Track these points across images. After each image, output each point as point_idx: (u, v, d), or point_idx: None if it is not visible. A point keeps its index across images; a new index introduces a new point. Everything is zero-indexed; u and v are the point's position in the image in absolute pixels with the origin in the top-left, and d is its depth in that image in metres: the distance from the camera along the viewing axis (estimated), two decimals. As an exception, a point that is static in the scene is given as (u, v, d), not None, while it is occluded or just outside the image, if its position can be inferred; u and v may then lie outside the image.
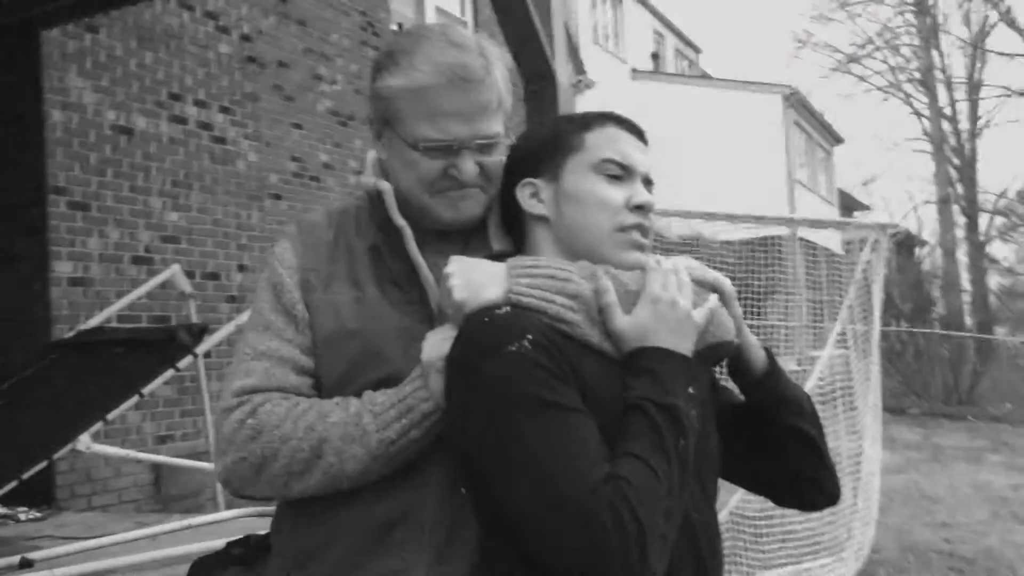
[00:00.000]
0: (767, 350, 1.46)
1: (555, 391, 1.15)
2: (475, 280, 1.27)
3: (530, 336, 1.17)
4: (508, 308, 1.22)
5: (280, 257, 1.49)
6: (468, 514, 1.25)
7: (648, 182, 1.41)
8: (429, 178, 1.41)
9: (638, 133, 1.44)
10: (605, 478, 1.11)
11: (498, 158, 1.44)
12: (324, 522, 1.37)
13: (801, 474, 1.46)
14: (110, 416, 3.91)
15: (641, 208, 1.37)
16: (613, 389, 1.23)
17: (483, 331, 1.20)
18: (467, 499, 1.22)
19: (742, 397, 1.48)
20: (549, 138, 1.42)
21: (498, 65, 1.44)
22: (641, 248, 1.38)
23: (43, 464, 3.66)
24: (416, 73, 1.38)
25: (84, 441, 3.73)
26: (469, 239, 1.48)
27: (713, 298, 1.34)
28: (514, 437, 1.13)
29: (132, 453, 4.64)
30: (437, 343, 1.29)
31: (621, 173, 1.38)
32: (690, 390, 1.24)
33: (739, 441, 1.44)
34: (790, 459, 1.44)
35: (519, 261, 1.31)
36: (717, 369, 1.48)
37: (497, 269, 1.29)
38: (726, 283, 1.38)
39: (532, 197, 1.40)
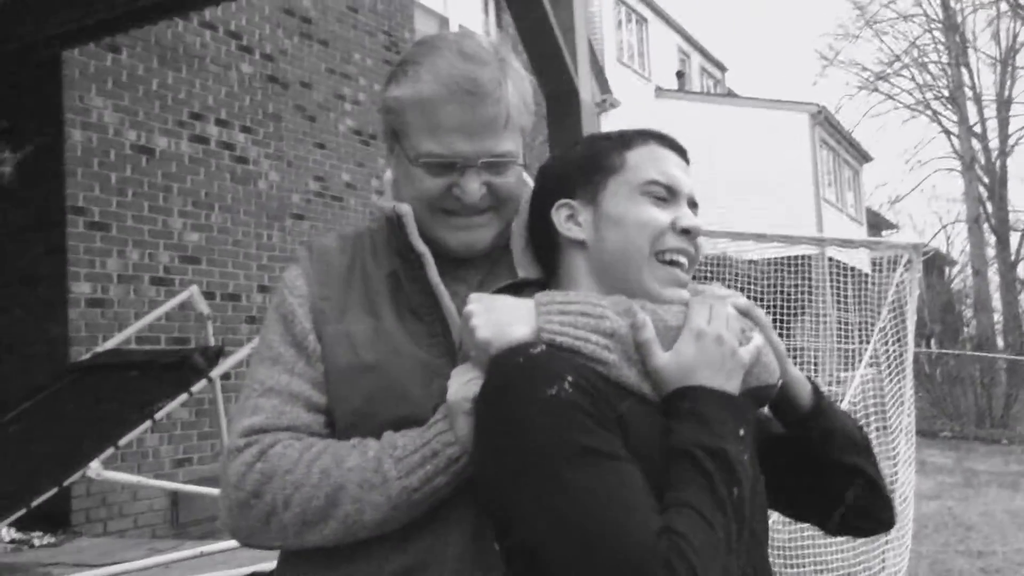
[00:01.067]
0: (812, 383, 1.34)
1: (599, 437, 1.05)
2: (500, 319, 1.17)
3: (570, 378, 1.07)
4: (543, 347, 1.12)
5: (290, 284, 1.39)
6: (492, 564, 1.13)
7: (693, 204, 1.31)
8: (429, 196, 1.32)
9: (680, 151, 1.34)
10: (659, 532, 1.00)
11: (510, 179, 1.34)
12: (336, 570, 1.26)
13: (853, 507, 1.34)
14: (122, 442, 3.82)
15: (687, 232, 1.27)
16: (654, 434, 1.12)
17: (518, 373, 1.09)
18: (498, 553, 1.10)
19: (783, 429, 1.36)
20: (587, 157, 1.33)
21: (513, 79, 1.34)
22: (682, 284, 1.27)
23: (52, 492, 3.57)
24: (419, 84, 1.30)
25: (95, 468, 3.65)
26: (493, 266, 1.38)
27: (758, 335, 1.23)
28: (557, 488, 1.02)
29: (144, 480, 4.56)
30: (464, 384, 1.19)
31: (666, 195, 1.28)
32: (740, 432, 1.13)
33: (784, 474, 1.33)
34: (841, 493, 1.33)
35: (547, 297, 1.20)
36: None
37: (524, 306, 1.19)
38: (762, 314, 1.28)
39: (569, 220, 1.31)
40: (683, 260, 1.27)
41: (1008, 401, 16.73)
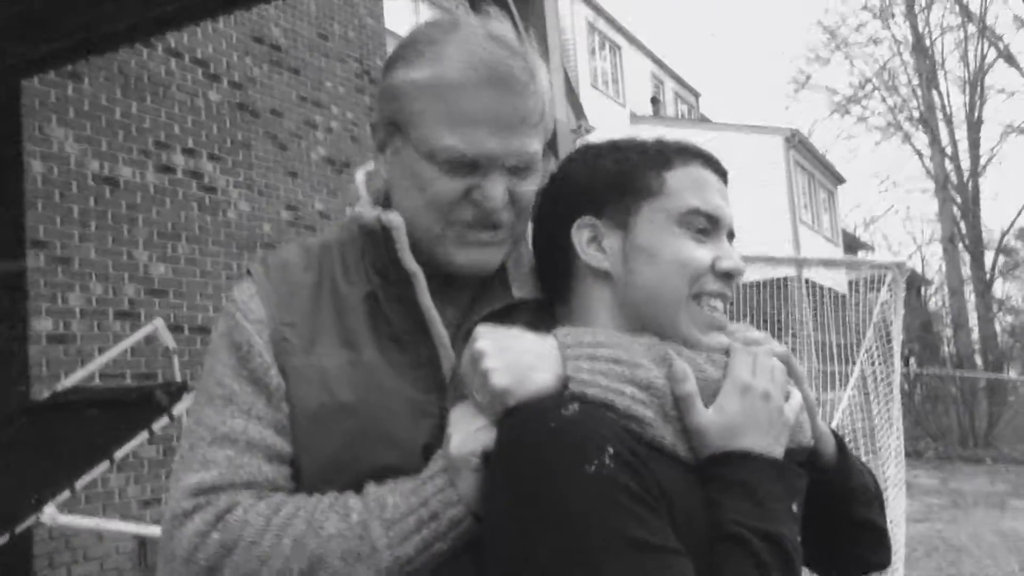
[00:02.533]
0: (837, 436, 1.18)
1: (646, 525, 0.87)
2: (519, 361, 0.98)
3: (611, 450, 0.89)
4: (575, 407, 0.93)
5: (243, 307, 1.15)
6: None
7: (731, 235, 1.14)
8: (445, 201, 1.09)
9: (723, 174, 1.15)
10: None
11: (532, 187, 1.14)
12: None
13: (860, 558, 1.21)
14: (79, 485, 3.62)
15: (727, 275, 1.09)
16: (695, 504, 0.95)
17: (550, 442, 0.90)
18: None
19: None
20: (618, 173, 1.13)
21: (543, 71, 1.14)
22: (722, 327, 1.10)
23: (3, 540, 3.36)
24: (443, 66, 1.08)
25: (49, 513, 3.44)
26: (484, 284, 1.17)
27: (795, 391, 1.07)
28: None
29: (103, 523, 4.34)
30: (470, 435, 1.00)
31: (707, 226, 1.10)
32: (794, 508, 0.97)
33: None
34: (853, 548, 1.19)
35: (572, 337, 1.02)
36: None
37: (546, 346, 1.01)
38: (798, 364, 1.11)
39: (591, 243, 1.12)
40: (721, 304, 1.11)
41: (990, 420, 16.72)
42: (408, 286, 1.11)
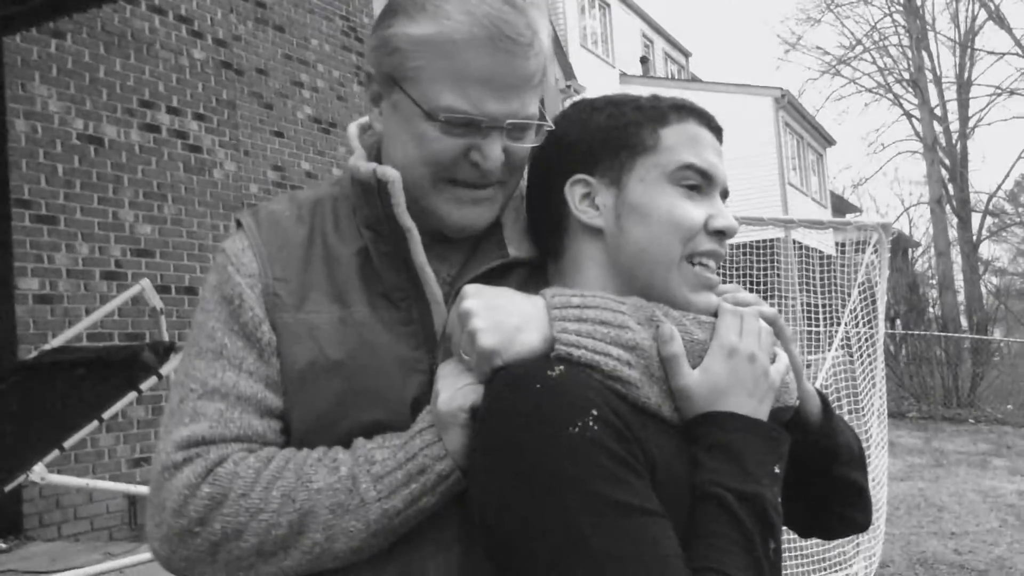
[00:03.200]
0: (822, 396, 1.19)
1: (628, 487, 0.89)
2: (506, 322, 0.98)
3: (595, 412, 0.90)
4: (561, 368, 0.94)
5: (236, 260, 1.14)
6: None
7: (725, 194, 1.13)
8: (442, 160, 1.08)
9: (718, 131, 1.14)
10: None
11: (528, 146, 1.12)
12: None
13: (843, 517, 1.23)
14: (68, 444, 3.63)
15: (720, 233, 1.09)
16: (680, 464, 0.96)
17: (535, 402, 0.92)
18: None
19: None
20: (613, 129, 1.12)
21: (544, 28, 1.12)
22: (713, 287, 1.10)
23: (-7, 498, 3.38)
24: (448, 22, 1.05)
25: (38, 472, 3.46)
26: (479, 242, 1.16)
27: (782, 352, 1.08)
28: (580, 550, 0.86)
29: (92, 483, 4.36)
30: (458, 391, 1.01)
31: (700, 183, 1.09)
32: (776, 470, 0.98)
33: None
34: (835, 505, 1.20)
35: (561, 298, 1.02)
36: None
37: (532, 306, 1.01)
38: (785, 325, 1.12)
39: (584, 200, 1.12)
40: (714, 263, 1.11)
41: (974, 381, 16.89)
42: (402, 242, 1.10)
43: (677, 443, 1.00)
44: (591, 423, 0.90)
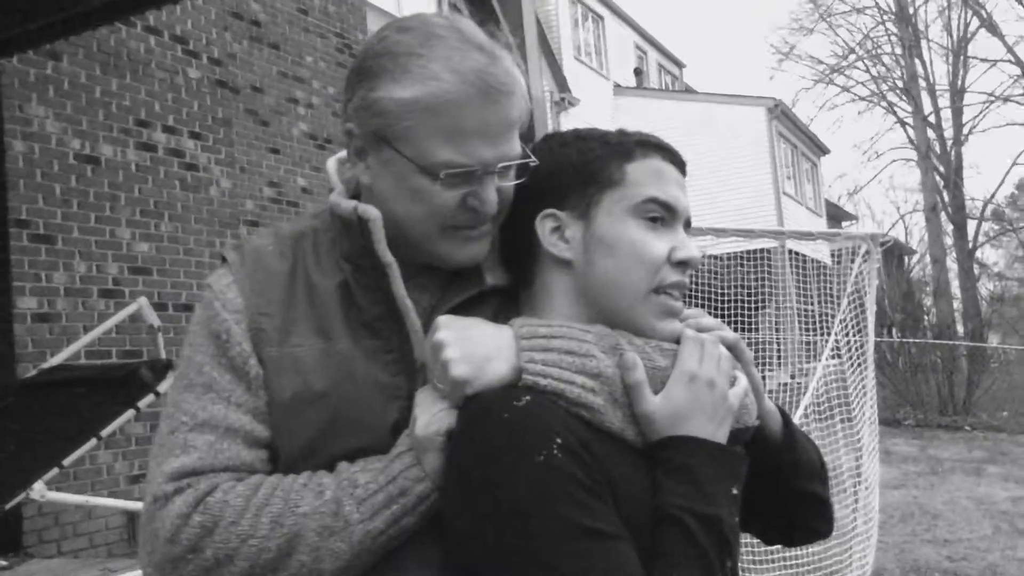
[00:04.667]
0: (783, 413, 1.25)
1: (592, 513, 0.94)
2: (476, 352, 1.04)
3: (558, 440, 0.95)
4: (527, 398, 0.99)
5: (221, 296, 1.19)
6: None
7: (687, 224, 1.19)
8: (445, 212, 1.13)
9: (681, 166, 1.21)
10: None
11: (513, 182, 1.17)
12: None
13: (805, 527, 1.29)
14: (67, 462, 3.68)
15: (684, 264, 1.14)
16: (641, 487, 1.02)
17: (502, 431, 0.97)
18: None
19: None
20: (581, 164, 1.17)
21: (517, 67, 1.17)
22: (677, 314, 1.16)
23: (-6, 516, 3.43)
24: (437, 82, 1.09)
25: (38, 489, 3.51)
26: (457, 271, 1.21)
27: (742, 375, 1.14)
28: (545, 572, 0.91)
29: (92, 499, 4.41)
30: (434, 416, 1.06)
31: (663, 215, 1.15)
32: (733, 491, 1.03)
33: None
34: (797, 516, 1.27)
35: (528, 328, 1.08)
36: None
37: (502, 337, 1.07)
38: (746, 348, 1.18)
39: (554, 234, 1.16)
40: (678, 294, 1.16)
41: (970, 388, 16.90)
42: (383, 276, 1.14)
43: (640, 466, 1.05)
44: (555, 451, 0.94)
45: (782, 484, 1.23)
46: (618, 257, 1.13)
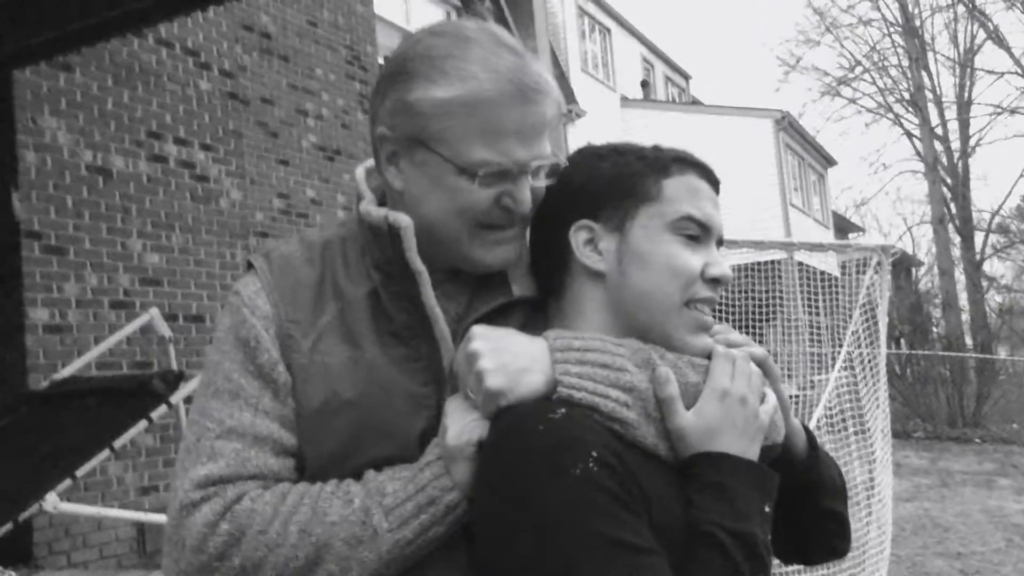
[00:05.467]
0: (808, 431, 1.25)
1: (626, 527, 0.93)
2: (512, 364, 1.04)
3: (595, 453, 0.95)
4: (563, 411, 0.99)
5: (250, 302, 1.18)
6: None
7: (720, 242, 1.20)
8: (479, 210, 1.13)
9: (716, 184, 1.21)
10: None
11: (544, 183, 1.18)
12: None
13: (825, 545, 1.29)
14: (79, 473, 3.68)
15: (716, 281, 1.15)
16: (674, 502, 1.02)
17: (537, 444, 0.96)
18: None
19: None
20: (618, 178, 1.17)
21: (550, 71, 1.18)
22: (708, 328, 1.16)
23: (7, 528, 3.42)
24: (476, 82, 1.10)
25: (51, 500, 3.50)
26: (483, 280, 1.21)
27: (770, 392, 1.14)
28: None
29: (103, 511, 4.40)
30: (465, 426, 1.06)
31: (698, 233, 1.15)
32: (766, 508, 1.03)
33: None
34: (819, 535, 1.26)
35: (563, 340, 1.07)
36: None
37: (537, 349, 1.07)
38: (774, 365, 1.18)
39: (588, 245, 1.17)
40: (709, 309, 1.17)
41: (979, 400, 16.83)
42: (413, 284, 1.14)
43: (672, 481, 1.05)
44: (591, 465, 0.94)
45: (805, 502, 1.23)
46: (652, 271, 1.14)
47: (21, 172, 5.64)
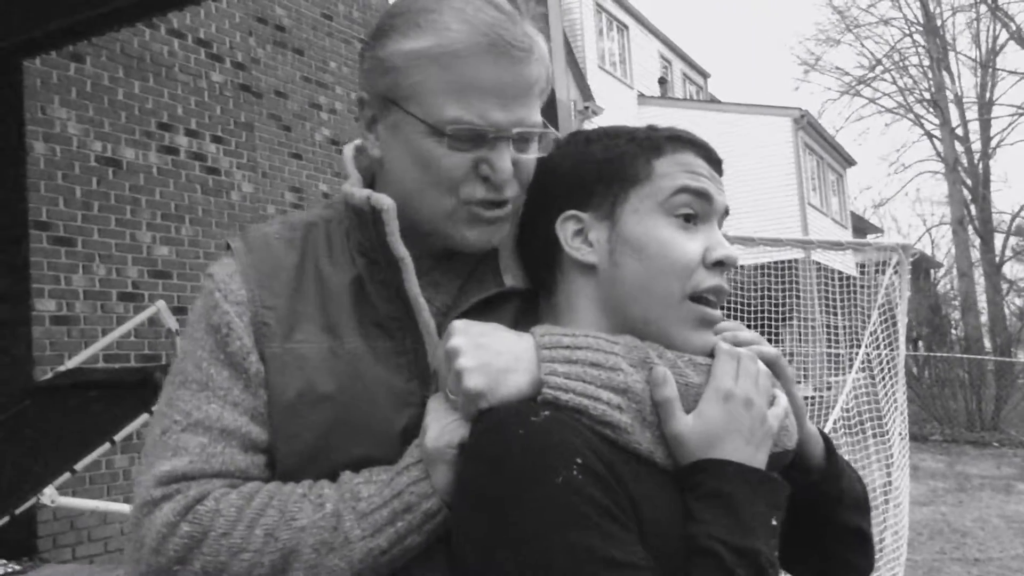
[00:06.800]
0: (825, 438, 1.13)
1: (613, 540, 0.85)
2: (494, 363, 0.95)
3: (579, 460, 0.86)
4: (546, 414, 0.90)
5: (223, 286, 1.10)
6: None
7: (726, 213, 1.09)
8: (452, 177, 1.04)
9: (716, 163, 1.10)
10: None
11: (534, 157, 1.09)
12: None
13: (845, 562, 1.17)
14: (79, 466, 3.62)
15: (720, 264, 1.04)
16: (671, 513, 0.92)
17: (518, 449, 0.88)
18: None
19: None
20: (606, 161, 1.07)
21: (540, 39, 1.09)
22: (714, 323, 1.06)
23: (4, 521, 3.37)
24: (448, 32, 1.02)
25: (49, 494, 3.45)
26: (474, 269, 1.13)
27: (782, 395, 1.03)
28: None
29: (102, 505, 4.34)
30: (446, 427, 0.97)
31: (696, 209, 1.05)
32: (773, 522, 0.93)
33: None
34: (837, 550, 1.14)
35: (551, 337, 0.98)
36: None
37: (523, 346, 0.98)
38: (787, 365, 1.07)
39: (577, 237, 1.07)
40: (716, 300, 1.06)
41: (998, 404, 16.66)
42: (396, 271, 1.07)
43: (670, 491, 0.95)
44: (575, 472, 0.86)
45: (822, 516, 1.12)
46: (646, 260, 1.03)
47: (30, 163, 5.60)
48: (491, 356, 0.96)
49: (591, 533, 0.84)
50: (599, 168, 1.08)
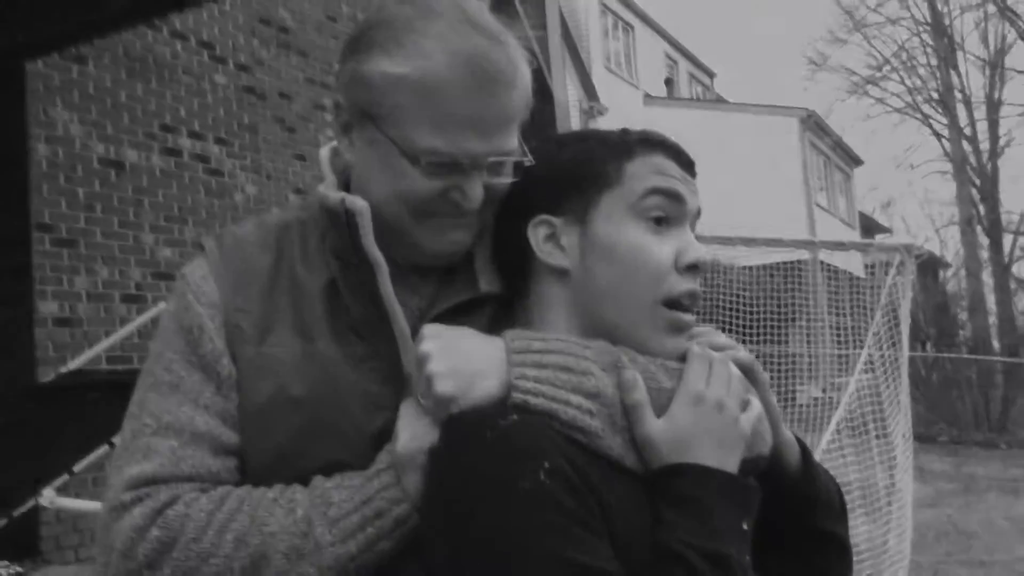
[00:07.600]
0: (802, 445, 1.12)
1: (582, 546, 0.83)
2: (464, 367, 0.95)
3: (547, 464, 0.86)
4: (514, 418, 0.89)
5: (196, 288, 1.09)
6: None
7: (698, 215, 1.09)
8: (421, 199, 1.05)
9: (689, 165, 1.10)
10: None
11: (506, 179, 1.08)
12: None
13: (821, 570, 1.15)
14: (77, 468, 3.63)
15: (693, 268, 1.04)
16: (643, 519, 0.91)
17: (485, 453, 0.87)
18: None
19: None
20: (577, 165, 1.07)
21: (523, 58, 1.08)
22: (686, 329, 1.05)
23: (2, 523, 3.37)
24: (428, 62, 1.01)
25: (47, 496, 3.45)
26: (449, 274, 1.12)
27: (755, 399, 1.02)
28: None
29: (99, 506, 4.34)
30: (418, 432, 0.97)
31: (668, 211, 1.04)
32: (744, 527, 0.92)
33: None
34: (815, 559, 1.13)
35: (521, 342, 0.98)
36: None
37: (493, 351, 0.97)
38: (761, 371, 1.06)
39: (549, 242, 1.07)
40: (689, 303, 1.05)
41: (1005, 405, 16.60)
42: (370, 274, 1.05)
43: (640, 494, 0.95)
44: (543, 477, 0.85)
45: (797, 523, 1.11)
46: (618, 264, 1.03)
47: (32, 165, 5.62)
48: (461, 361, 0.95)
49: (559, 538, 0.83)
50: (570, 172, 1.07)
